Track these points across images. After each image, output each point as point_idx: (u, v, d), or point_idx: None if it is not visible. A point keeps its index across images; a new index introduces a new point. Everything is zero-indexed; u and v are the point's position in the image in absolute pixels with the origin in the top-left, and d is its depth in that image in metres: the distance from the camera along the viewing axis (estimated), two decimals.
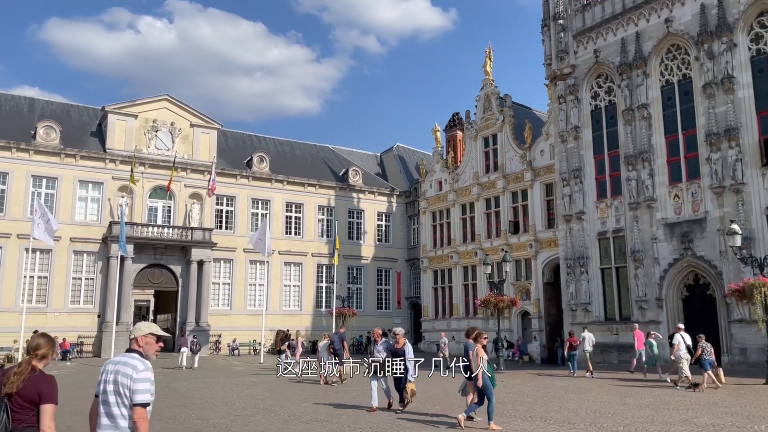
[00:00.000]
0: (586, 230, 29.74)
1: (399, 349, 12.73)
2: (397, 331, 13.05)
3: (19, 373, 4.07)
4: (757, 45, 24.44)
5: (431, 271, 41.96)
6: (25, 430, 4.02)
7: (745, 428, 10.26)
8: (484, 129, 38.90)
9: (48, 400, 4.05)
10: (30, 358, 4.19)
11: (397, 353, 12.63)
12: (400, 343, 12.78)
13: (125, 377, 4.06)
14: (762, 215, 23.43)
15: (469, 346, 11.07)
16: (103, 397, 4.09)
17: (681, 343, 17.53)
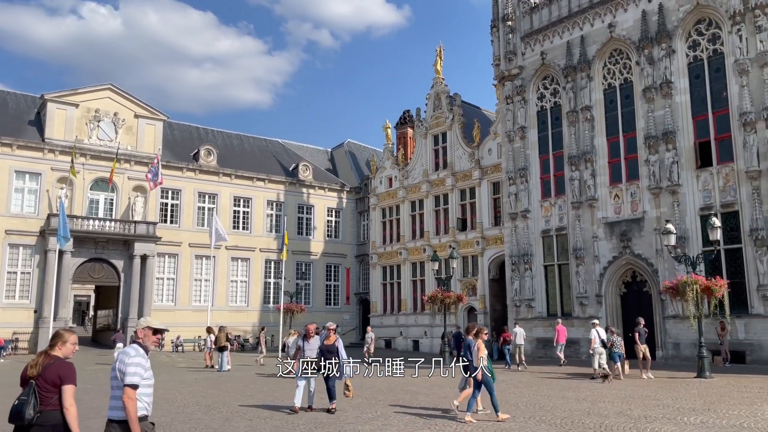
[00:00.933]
0: (531, 228, 30.46)
1: (330, 345, 11.90)
2: (329, 326, 12.16)
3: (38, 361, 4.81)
4: (694, 52, 25.51)
5: (380, 267, 42.17)
6: (51, 412, 4.68)
7: (675, 420, 10.73)
8: (434, 127, 39.30)
9: (68, 382, 4.75)
10: (48, 349, 4.94)
11: (329, 350, 11.83)
12: (331, 339, 11.96)
13: (122, 363, 4.85)
14: (696, 216, 24.50)
15: (470, 342, 11.31)
16: (112, 382, 4.92)
17: (596, 338, 18.86)
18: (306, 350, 11.98)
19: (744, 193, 23.17)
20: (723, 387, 15.82)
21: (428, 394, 15.16)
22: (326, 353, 11.77)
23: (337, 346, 11.83)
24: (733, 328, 22.70)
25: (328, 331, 12.02)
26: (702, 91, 25.17)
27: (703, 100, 25.10)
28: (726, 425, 10.07)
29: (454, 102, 38.54)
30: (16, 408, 4.67)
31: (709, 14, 24.97)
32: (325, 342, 11.94)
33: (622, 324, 26.66)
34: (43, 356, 4.87)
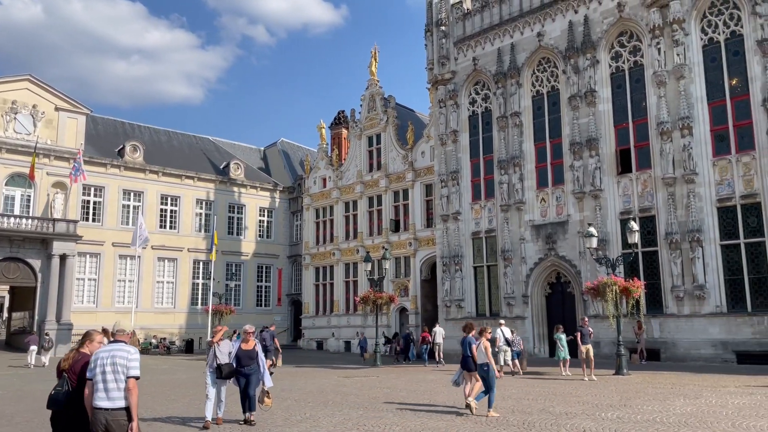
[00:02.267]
0: (462, 230, 31.06)
1: (249, 351, 10.60)
2: (246, 328, 10.87)
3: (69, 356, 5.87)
4: (616, 63, 26.70)
5: (313, 267, 41.93)
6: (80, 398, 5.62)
7: (594, 416, 11.18)
8: (368, 128, 39.43)
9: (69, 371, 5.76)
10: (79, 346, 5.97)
11: (248, 356, 10.56)
12: (250, 344, 10.71)
13: (122, 358, 5.54)
14: (616, 219, 25.65)
15: (471, 340, 11.75)
16: (101, 377, 5.46)
17: (500, 337, 20.59)
18: (217, 355, 10.42)
19: (660, 198, 24.45)
20: (639, 383, 16.61)
21: (358, 394, 15.18)
22: (245, 359, 10.49)
23: (256, 350, 10.66)
24: (649, 327, 23.92)
25: (246, 335, 10.74)
26: (623, 101, 26.39)
27: (624, 109, 26.32)
28: (640, 420, 10.58)
29: (389, 104, 38.83)
30: (53, 396, 5.66)
31: (630, 27, 26.21)
32: (242, 347, 10.61)
33: (546, 323, 27.65)
34: (74, 352, 5.90)
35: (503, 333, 20.79)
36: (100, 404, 5.43)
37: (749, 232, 22.40)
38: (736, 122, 23.14)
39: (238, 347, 10.63)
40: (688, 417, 10.71)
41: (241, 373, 10.46)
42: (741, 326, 22.02)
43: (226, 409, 11.14)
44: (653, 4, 25.06)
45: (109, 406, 5.43)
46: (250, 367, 10.51)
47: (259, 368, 10.56)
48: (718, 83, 23.79)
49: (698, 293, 22.85)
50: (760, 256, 22.02)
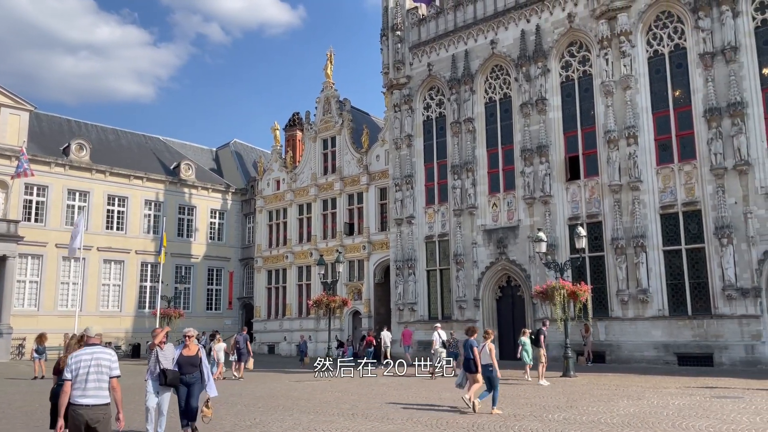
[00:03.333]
0: (415, 234, 31.26)
1: (191, 357, 9.59)
2: (187, 332, 9.81)
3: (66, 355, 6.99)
4: (566, 72, 27.38)
5: (265, 270, 41.45)
6: None
7: (541, 417, 11.40)
8: (323, 131, 39.28)
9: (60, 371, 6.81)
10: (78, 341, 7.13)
11: (190, 363, 9.54)
12: (192, 349, 9.67)
13: (106, 360, 6.28)
14: (565, 225, 26.26)
15: (473, 343, 12.58)
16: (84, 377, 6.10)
17: (437, 340, 21.72)
18: (160, 359, 9.28)
19: (607, 205, 25.16)
20: (585, 385, 17.03)
21: (309, 399, 15.07)
22: (186, 367, 9.47)
23: (200, 357, 9.64)
24: (596, 330, 24.57)
25: (187, 339, 9.72)
26: (573, 109, 27.07)
27: (573, 118, 26.99)
28: (586, 421, 10.84)
29: (344, 107, 38.78)
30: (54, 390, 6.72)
31: (580, 38, 26.92)
32: (183, 353, 9.57)
33: (497, 326, 28.06)
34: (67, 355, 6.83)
35: (439, 336, 21.96)
36: (82, 401, 6.05)
37: (690, 239, 23.27)
38: (679, 132, 24.03)
39: (178, 353, 9.52)
40: (631, 418, 11.03)
41: (183, 381, 9.44)
42: (682, 329, 22.84)
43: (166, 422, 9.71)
44: (602, 16, 25.82)
45: (92, 403, 6.06)
46: (192, 375, 9.48)
47: (202, 377, 9.56)
48: (662, 94, 24.66)
49: (642, 297, 23.59)
50: (700, 262, 22.90)
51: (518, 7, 28.63)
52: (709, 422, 10.35)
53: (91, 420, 5.98)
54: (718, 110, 22.64)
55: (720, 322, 21.97)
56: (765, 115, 22.15)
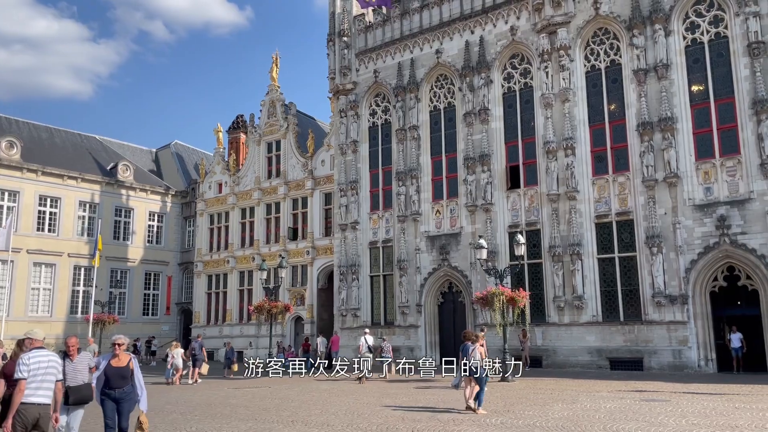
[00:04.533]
0: (360, 239, 31.30)
1: (122, 368, 8.19)
2: (117, 339, 8.40)
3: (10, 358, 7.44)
4: (508, 83, 28.06)
5: (205, 275, 40.60)
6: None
7: (479, 422, 11.59)
8: (268, 134, 38.87)
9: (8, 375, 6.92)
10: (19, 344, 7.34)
11: (121, 375, 8.16)
12: (122, 359, 8.25)
13: (57, 364, 6.94)
14: (505, 232, 26.86)
15: (468, 347, 13.06)
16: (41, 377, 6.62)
17: (363, 345, 22.49)
18: (67, 374, 7.62)
19: (545, 213, 25.89)
20: (522, 389, 17.43)
21: (249, 406, 14.84)
22: (116, 379, 8.12)
23: (131, 368, 8.26)
24: (533, 335, 25.20)
25: (116, 348, 8.33)
26: (514, 120, 27.76)
27: (514, 128, 27.68)
28: (522, 425, 11.10)
29: (289, 111, 38.50)
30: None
31: (522, 50, 27.66)
32: (112, 363, 8.19)
33: (438, 332, 28.46)
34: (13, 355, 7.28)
35: (366, 341, 22.79)
36: (33, 400, 6.54)
37: (623, 247, 24.21)
38: (614, 144, 25.00)
39: (106, 364, 8.19)
40: (565, 421, 11.36)
41: (110, 396, 8.09)
42: (614, 334, 23.71)
43: None
44: (543, 30, 26.61)
45: (41, 402, 6.60)
46: (122, 390, 8.12)
47: (134, 390, 8.23)
48: (598, 108, 25.61)
49: (577, 303, 24.37)
50: (632, 270, 23.85)
51: (463, 19, 29.19)
52: (638, 425, 10.77)
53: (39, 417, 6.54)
54: (650, 124, 23.68)
55: (650, 327, 22.92)
56: (693, 131, 23.31)
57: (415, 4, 31.08)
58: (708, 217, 22.36)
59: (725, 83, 22.96)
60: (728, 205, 22.04)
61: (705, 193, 22.69)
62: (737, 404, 13.26)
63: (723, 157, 22.55)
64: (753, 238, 21.37)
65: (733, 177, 22.26)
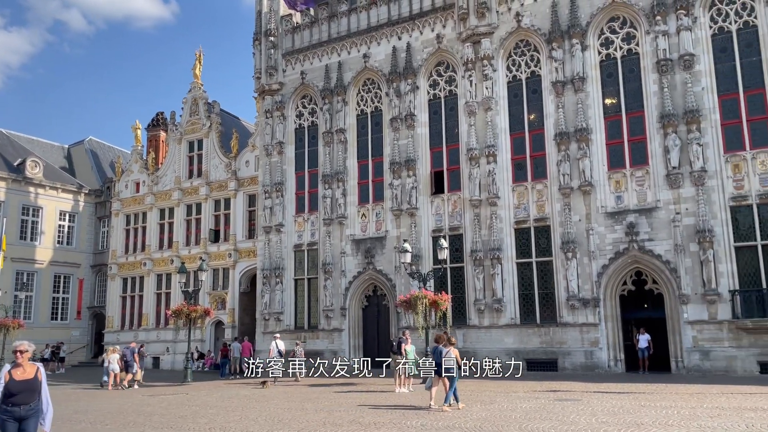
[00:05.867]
0: (284, 242, 30.90)
1: (29, 381, 7.03)
2: (18, 346, 7.17)
3: None
4: (434, 90, 28.53)
5: (120, 278, 38.90)
6: None
7: (400, 424, 11.68)
8: (189, 133, 37.74)
9: None
10: None
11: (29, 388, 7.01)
12: (28, 370, 7.08)
13: None
14: (429, 236, 27.26)
15: (441, 350, 13.69)
16: None
17: (273, 349, 23.04)
18: None
19: (467, 218, 26.47)
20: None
21: (164, 414, 14.32)
22: (23, 394, 6.96)
23: (40, 380, 7.10)
24: (454, 338, 25.58)
25: (18, 356, 7.15)
26: (439, 126, 28.24)
27: (439, 134, 28.16)
28: (442, 426, 11.26)
29: (213, 109, 37.55)
30: None
31: (447, 58, 28.20)
32: (15, 375, 7.03)
33: (362, 335, 28.50)
34: None
35: (276, 345, 23.24)
36: None
37: (540, 252, 25.10)
38: (533, 153, 25.89)
39: (5, 375, 7.06)
40: (483, 422, 11.62)
41: (13, 415, 6.91)
42: (531, 336, 24.52)
43: None
44: (467, 39, 27.24)
45: None
46: (29, 406, 6.96)
47: (41, 406, 7.08)
48: (519, 117, 26.45)
49: (497, 306, 25.04)
50: (548, 274, 24.77)
51: (390, 24, 29.45)
52: (552, 424, 11.17)
53: None
54: (567, 135, 24.69)
55: (564, 330, 23.86)
56: (606, 142, 24.49)
57: (343, 7, 31.08)
58: (618, 224, 23.54)
59: (636, 97, 24.28)
60: (637, 213, 23.29)
61: (616, 201, 23.88)
62: (643, 402, 14.00)
63: (633, 168, 23.82)
64: (659, 245, 22.69)
65: (642, 186, 23.56)
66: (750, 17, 22.59)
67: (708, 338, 21.66)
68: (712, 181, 22.18)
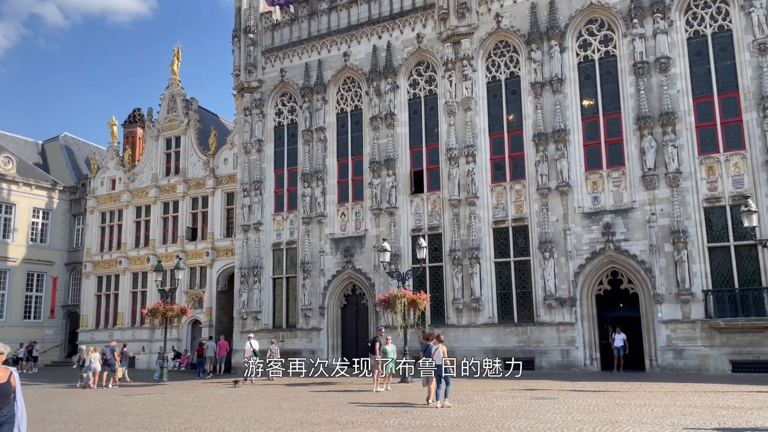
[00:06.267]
0: (263, 241, 30.71)
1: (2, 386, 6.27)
2: None
3: None
4: (414, 89, 28.56)
5: (95, 276, 38.32)
6: None
7: (377, 423, 11.67)
8: (167, 130, 37.31)
9: None
10: None
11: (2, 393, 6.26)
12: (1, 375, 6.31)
13: None
14: (408, 236, 27.28)
15: (431, 347, 14.20)
16: None
17: (248, 349, 23.38)
18: None
19: (447, 218, 26.54)
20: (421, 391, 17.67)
21: (139, 414, 14.14)
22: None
23: (14, 386, 6.37)
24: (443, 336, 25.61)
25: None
26: (419, 126, 28.27)
27: (419, 134, 28.19)
28: (419, 425, 11.28)
29: (191, 106, 37.15)
30: None
31: (428, 58, 28.24)
32: None
33: (340, 334, 28.43)
34: None
35: (251, 345, 23.52)
36: None
37: (518, 252, 25.27)
38: (511, 153, 26.05)
39: None
40: (460, 420, 11.67)
41: None
42: (509, 335, 24.68)
43: None
44: (447, 40, 27.31)
45: None
46: (1, 412, 6.28)
47: (14, 411, 6.38)
48: (498, 117, 26.59)
49: (475, 305, 25.16)
50: (526, 273, 24.95)
51: (371, 23, 29.41)
52: (528, 422, 11.25)
53: None
54: (545, 135, 24.88)
55: (541, 329, 24.06)
56: (584, 143, 24.72)
57: (323, 5, 30.96)
58: (595, 224, 23.79)
59: (613, 99, 24.55)
60: (613, 214, 23.56)
61: (593, 201, 24.13)
62: (618, 401, 14.17)
63: (609, 169, 24.09)
64: (635, 245, 22.98)
65: (618, 187, 23.84)
66: (725, 21, 22.97)
67: (681, 337, 22.00)
68: (687, 182, 22.52)
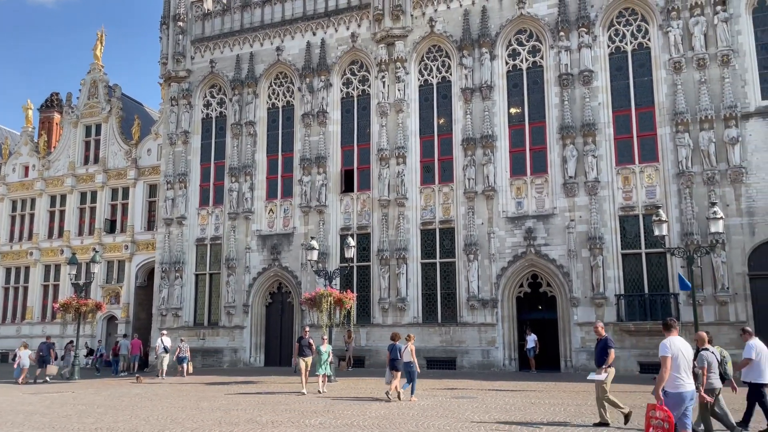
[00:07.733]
0: (186, 235, 29.85)
1: None
2: None
3: None
4: (347, 88, 28.51)
5: (3, 267, 36.15)
6: None
7: (298, 423, 11.58)
8: (87, 116, 35.63)
9: None
10: None
11: None
12: None
13: None
14: (337, 234, 27.22)
15: (399, 346, 15.04)
16: None
17: (160, 345, 24.06)
18: None
19: (376, 218, 26.66)
20: (344, 389, 17.75)
21: (46, 413, 13.42)
22: None
23: None
24: (358, 336, 25.79)
25: None
26: (351, 125, 28.25)
27: (351, 133, 28.17)
28: (340, 424, 11.28)
29: (114, 93, 35.64)
30: None
31: (361, 58, 28.27)
32: None
33: (264, 333, 28.02)
34: None
35: (163, 342, 23.97)
36: None
37: (444, 253, 25.70)
38: (441, 156, 26.46)
39: None
40: (381, 419, 11.75)
41: None
42: (432, 335, 25.05)
43: None
44: (382, 41, 27.45)
45: None
46: None
47: None
48: (429, 120, 26.95)
49: (400, 305, 25.40)
50: (451, 275, 25.41)
51: (305, 19, 29.15)
52: (447, 421, 11.47)
53: None
54: (474, 140, 25.43)
55: (463, 329, 24.57)
56: (510, 149, 25.42)
57: None
58: (518, 228, 24.52)
59: (539, 108, 25.38)
60: (535, 219, 24.36)
61: (516, 206, 24.86)
62: (533, 400, 14.67)
63: (533, 175, 24.88)
64: (554, 249, 23.85)
65: (541, 193, 24.67)
66: (644, 39, 24.20)
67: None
68: (604, 191, 23.58)
